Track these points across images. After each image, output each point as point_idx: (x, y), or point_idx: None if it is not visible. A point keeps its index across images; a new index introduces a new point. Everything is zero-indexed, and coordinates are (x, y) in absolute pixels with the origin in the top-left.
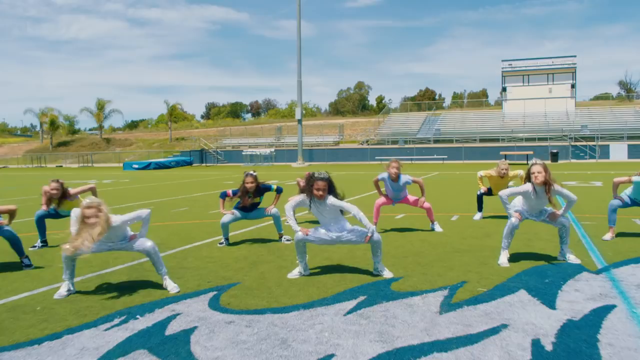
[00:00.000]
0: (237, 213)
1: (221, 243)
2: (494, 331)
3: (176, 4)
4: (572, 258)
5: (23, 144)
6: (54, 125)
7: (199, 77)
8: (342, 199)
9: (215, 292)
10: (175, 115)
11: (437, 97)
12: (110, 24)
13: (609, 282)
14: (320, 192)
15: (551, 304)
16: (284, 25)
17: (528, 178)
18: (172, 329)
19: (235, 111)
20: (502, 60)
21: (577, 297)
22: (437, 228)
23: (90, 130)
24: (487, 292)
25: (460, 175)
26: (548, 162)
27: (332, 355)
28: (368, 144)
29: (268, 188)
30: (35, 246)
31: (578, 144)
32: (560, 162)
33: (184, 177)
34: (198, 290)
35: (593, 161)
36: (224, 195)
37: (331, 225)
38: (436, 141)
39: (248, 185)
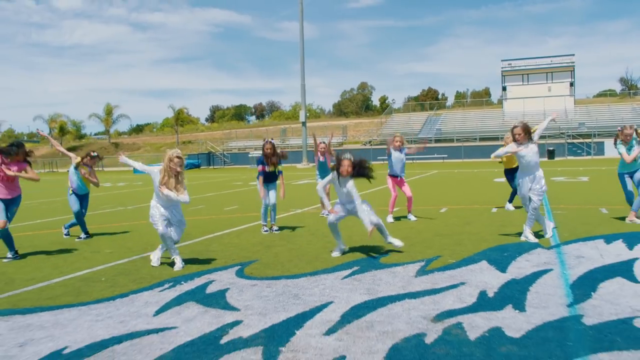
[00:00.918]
0: (266, 195)
1: (266, 231)
2: (453, 286)
3: (178, 7)
4: (530, 238)
5: (34, 150)
6: (63, 131)
7: (202, 80)
8: (371, 176)
9: (239, 267)
10: (181, 119)
11: (440, 96)
12: (113, 28)
13: (555, 255)
14: (345, 169)
15: (503, 269)
16: (287, 26)
17: (514, 139)
18: (210, 289)
19: (239, 114)
20: (502, 60)
21: (525, 265)
22: (412, 217)
23: (95, 134)
24: (455, 263)
25: (457, 174)
26: (545, 159)
27: (331, 302)
28: (371, 145)
29: (280, 163)
30: (81, 237)
31: (575, 141)
32: (556, 159)
33: (194, 179)
34: (225, 265)
35: (589, 158)
36: (261, 174)
37: (345, 201)
38: (437, 140)
39: (267, 151)
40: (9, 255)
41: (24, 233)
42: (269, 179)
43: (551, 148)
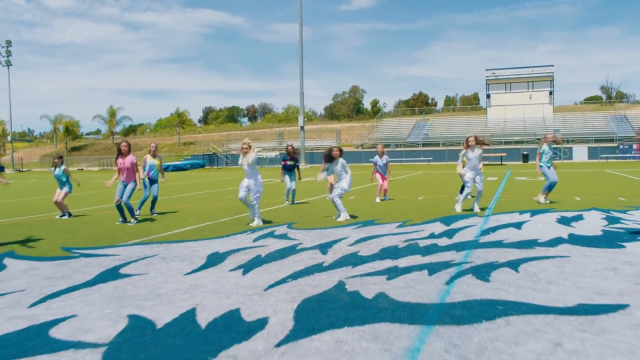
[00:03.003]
0: (288, 182)
1: (287, 203)
2: (416, 231)
3: (171, 7)
4: (476, 208)
5: (37, 149)
6: (68, 131)
7: (194, 81)
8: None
9: (287, 225)
10: (182, 121)
11: (430, 100)
12: (105, 28)
13: (483, 219)
14: (335, 152)
15: (448, 224)
16: (279, 28)
17: (467, 144)
18: (276, 233)
19: (232, 115)
20: (486, 69)
21: (462, 223)
22: (386, 198)
23: (87, 134)
24: (420, 222)
25: (439, 174)
26: (520, 162)
27: (347, 237)
28: (362, 148)
29: (297, 160)
30: (154, 213)
31: None
32: (530, 162)
33: (208, 177)
34: (279, 224)
35: (558, 161)
36: (283, 160)
37: (340, 178)
38: (425, 144)
39: (289, 149)
40: (132, 220)
41: (112, 211)
42: (289, 169)
43: (525, 152)
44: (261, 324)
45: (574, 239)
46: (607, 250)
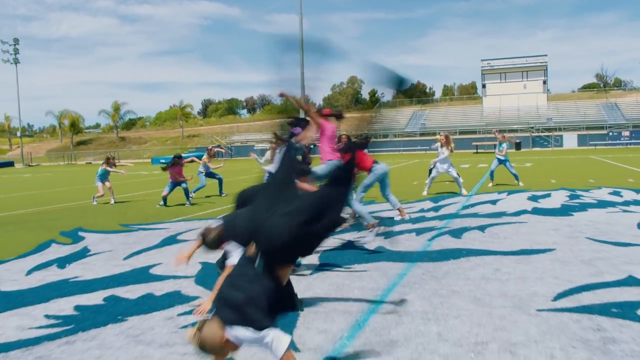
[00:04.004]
0: None
1: None
2: (409, 207)
3: None
4: (464, 192)
5: (41, 144)
6: (74, 126)
7: (191, 73)
8: None
9: None
10: (184, 114)
11: (428, 89)
12: (101, 21)
13: (466, 198)
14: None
15: (436, 202)
16: (276, 19)
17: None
18: None
19: (231, 107)
20: (482, 60)
21: (449, 201)
22: None
23: (87, 129)
24: (413, 201)
25: None
26: (512, 150)
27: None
28: None
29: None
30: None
31: (541, 134)
32: (522, 150)
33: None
34: None
35: (549, 149)
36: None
37: None
38: (422, 134)
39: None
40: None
41: (148, 197)
42: None
43: (518, 141)
44: (297, 264)
45: (536, 211)
46: (557, 218)
